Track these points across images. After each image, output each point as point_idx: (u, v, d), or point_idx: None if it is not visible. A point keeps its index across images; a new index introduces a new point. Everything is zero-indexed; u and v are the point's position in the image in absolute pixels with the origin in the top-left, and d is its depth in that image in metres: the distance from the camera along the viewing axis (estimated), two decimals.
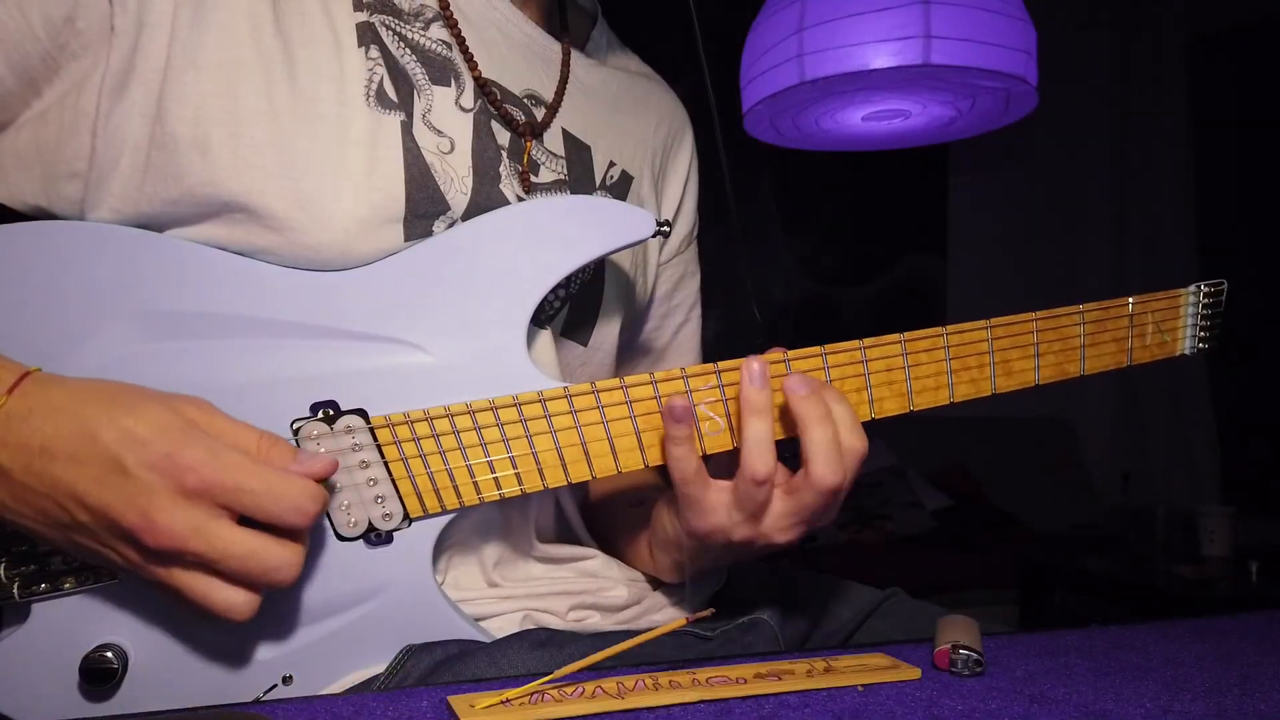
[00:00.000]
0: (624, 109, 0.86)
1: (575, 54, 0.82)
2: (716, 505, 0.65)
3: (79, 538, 0.56)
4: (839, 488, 0.64)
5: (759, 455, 0.63)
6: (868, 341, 0.68)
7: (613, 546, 0.84)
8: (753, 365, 0.64)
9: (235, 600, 0.56)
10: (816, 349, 0.68)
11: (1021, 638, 0.68)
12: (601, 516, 0.87)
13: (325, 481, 0.62)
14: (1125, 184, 4.08)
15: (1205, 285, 0.77)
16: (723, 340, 1.01)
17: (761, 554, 0.70)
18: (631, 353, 0.92)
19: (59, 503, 0.55)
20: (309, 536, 0.60)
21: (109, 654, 0.61)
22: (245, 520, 0.56)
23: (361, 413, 0.63)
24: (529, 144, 0.75)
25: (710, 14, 0.90)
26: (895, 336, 0.69)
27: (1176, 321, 0.77)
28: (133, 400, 0.56)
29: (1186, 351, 0.78)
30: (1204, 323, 0.77)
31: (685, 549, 0.71)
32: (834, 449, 0.63)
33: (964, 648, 0.60)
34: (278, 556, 0.56)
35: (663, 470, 0.68)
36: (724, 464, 0.67)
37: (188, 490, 0.54)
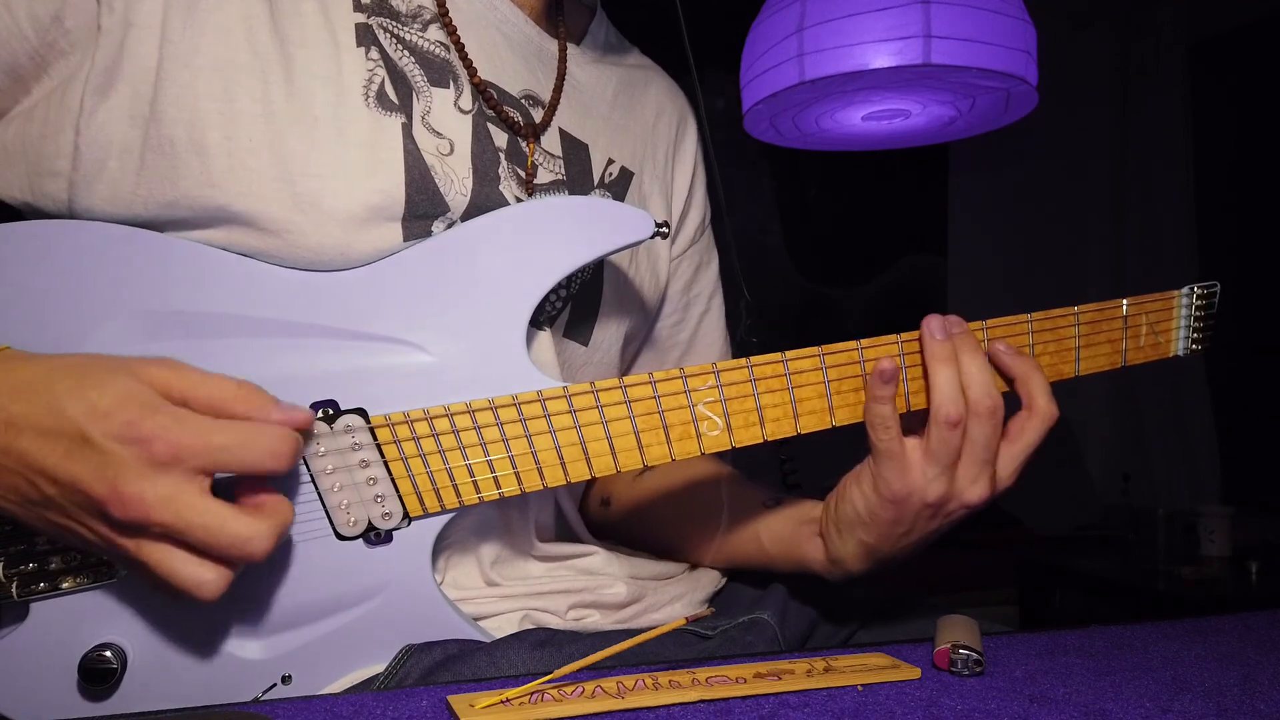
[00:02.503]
0: (622, 104, 0.86)
1: (572, 50, 0.82)
2: (912, 460, 0.68)
3: (50, 514, 0.56)
4: (995, 409, 0.67)
5: (950, 399, 0.66)
6: (865, 342, 0.69)
7: (697, 546, 0.84)
8: (931, 322, 0.69)
9: (204, 576, 0.55)
10: (814, 349, 0.68)
11: (1021, 638, 0.68)
12: (677, 517, 0.86)
13: (323, 481, 0.62)
14: (1125, 184, 4.08)
15: (1198, 287, 0.77)
16: None
17: (934, 537, 0.72)
18: (657, 348, 0.92)
19: (28, 479, 0.54)
20: (288, 512, 0.58)
21: (108, 653, 0.61)
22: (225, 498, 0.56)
23: (361, 412, 0.63)
24: (531, 146, 0.75)
25: (709, 14, 0.90)
26: (892, 337, 0.69)
27: (1170, 323, 0.77)
28: (99, 372, 0.55)
29: (1180, 353, 0.78)
30: (1197, 324, 0.78)
31: (879, 523, 0.71)
32: (960, 384, 0.67)
33: (964, 648, 0.60)
34: (249, 527, 0.55)
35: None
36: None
37: (157, 459, 0.53)
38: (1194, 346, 0.78)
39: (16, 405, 0.54)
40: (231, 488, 0.57)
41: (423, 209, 0.67)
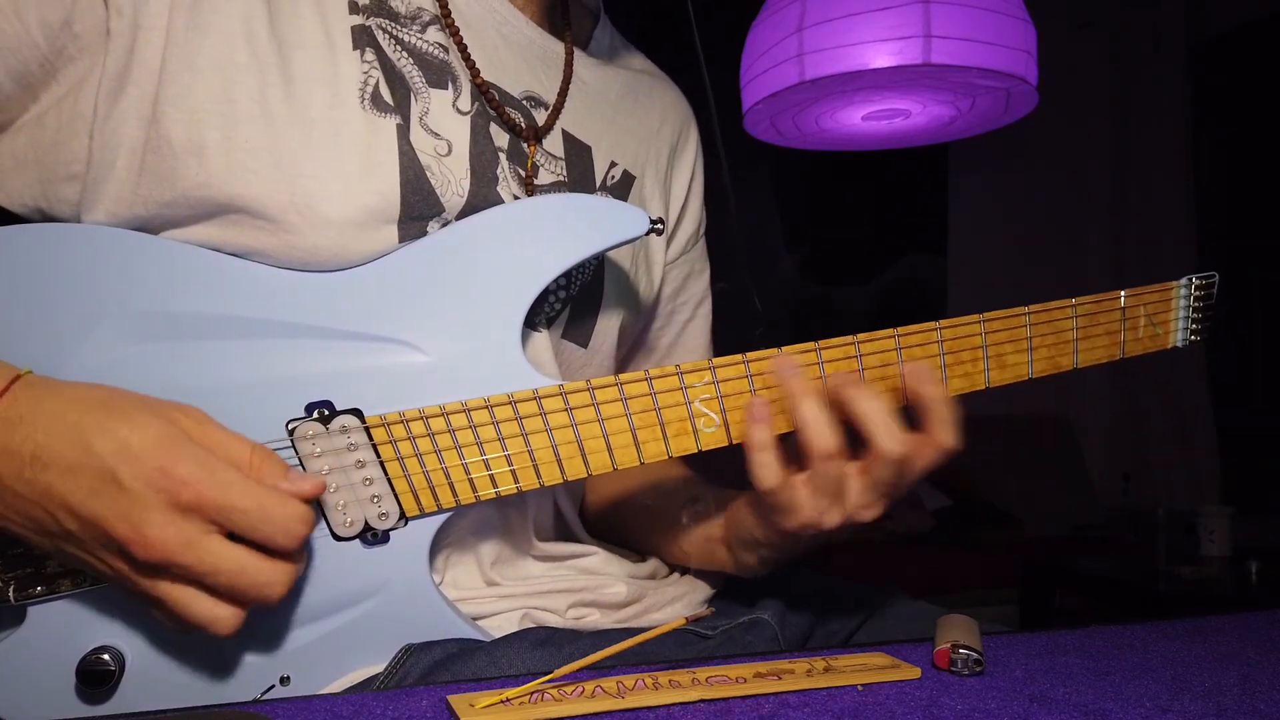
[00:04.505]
0: (626, 108, 0.86)
1: (578, 53, 0.82)
2: (802, 502, 0.66)
3: (67, 546, 0.56)
4: (904, 456, 0.64)
5: (819, 434, 0.64)
6: (862, 337, 0.68)
7: (654, 546, 0.84)
8: (781, 362, 0.66)
9: (220, 614, 0.56)
10: (810, 344, 0.68)
11: (1021, 638, 0.68)
12: (633, 517, 0.86)
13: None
14: (1125, 183, 4.09)
15: (1197, 278, 0.77)
16: (720, 333, 1.00)
17: (845, 536, 0.70)
18: (636, 351, 0.92)
19: (49, 511, 0.55)
20: (301, 556, 0.60)
21: (106, 656, 0.61)
22: (235, 537, 0.56)
23: (357, 412, 0.63)
24: (533, 148, 0.75)
25: (711, 13, 0.90)
26: (889, 331, 0.69)
27: (1168, 314, 0.77)
28: (127, 409, 0.55)
29: (1178, 344, 0.78)
30: (1195, 315, 0.77)
31: (777, 546, 0.71)
32: (892, 420, 0.65)
33: (964, 647, 0.59)
34: (267, 573, 0.56)
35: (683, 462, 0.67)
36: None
37: (181, 505, 0.54)
38: (1193, 337, 0.78)
39: (41, 436, 0.54)
40: None
41: (418, 210, 0.67)
